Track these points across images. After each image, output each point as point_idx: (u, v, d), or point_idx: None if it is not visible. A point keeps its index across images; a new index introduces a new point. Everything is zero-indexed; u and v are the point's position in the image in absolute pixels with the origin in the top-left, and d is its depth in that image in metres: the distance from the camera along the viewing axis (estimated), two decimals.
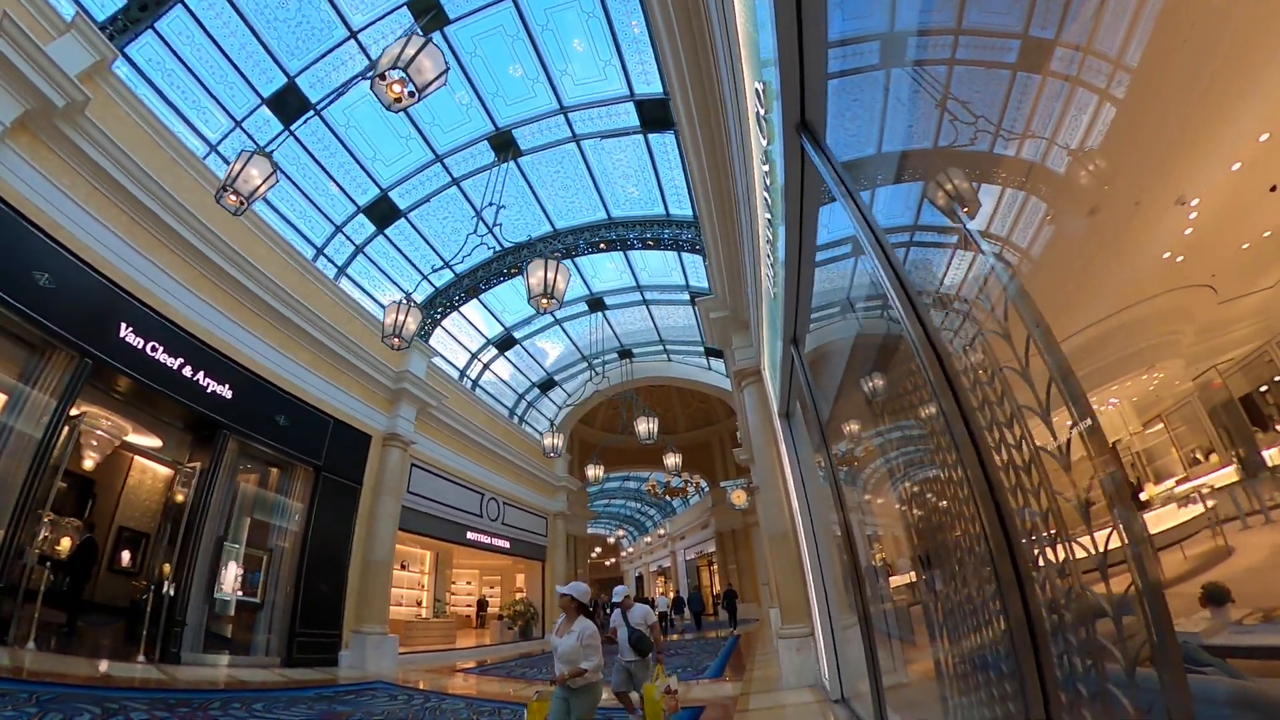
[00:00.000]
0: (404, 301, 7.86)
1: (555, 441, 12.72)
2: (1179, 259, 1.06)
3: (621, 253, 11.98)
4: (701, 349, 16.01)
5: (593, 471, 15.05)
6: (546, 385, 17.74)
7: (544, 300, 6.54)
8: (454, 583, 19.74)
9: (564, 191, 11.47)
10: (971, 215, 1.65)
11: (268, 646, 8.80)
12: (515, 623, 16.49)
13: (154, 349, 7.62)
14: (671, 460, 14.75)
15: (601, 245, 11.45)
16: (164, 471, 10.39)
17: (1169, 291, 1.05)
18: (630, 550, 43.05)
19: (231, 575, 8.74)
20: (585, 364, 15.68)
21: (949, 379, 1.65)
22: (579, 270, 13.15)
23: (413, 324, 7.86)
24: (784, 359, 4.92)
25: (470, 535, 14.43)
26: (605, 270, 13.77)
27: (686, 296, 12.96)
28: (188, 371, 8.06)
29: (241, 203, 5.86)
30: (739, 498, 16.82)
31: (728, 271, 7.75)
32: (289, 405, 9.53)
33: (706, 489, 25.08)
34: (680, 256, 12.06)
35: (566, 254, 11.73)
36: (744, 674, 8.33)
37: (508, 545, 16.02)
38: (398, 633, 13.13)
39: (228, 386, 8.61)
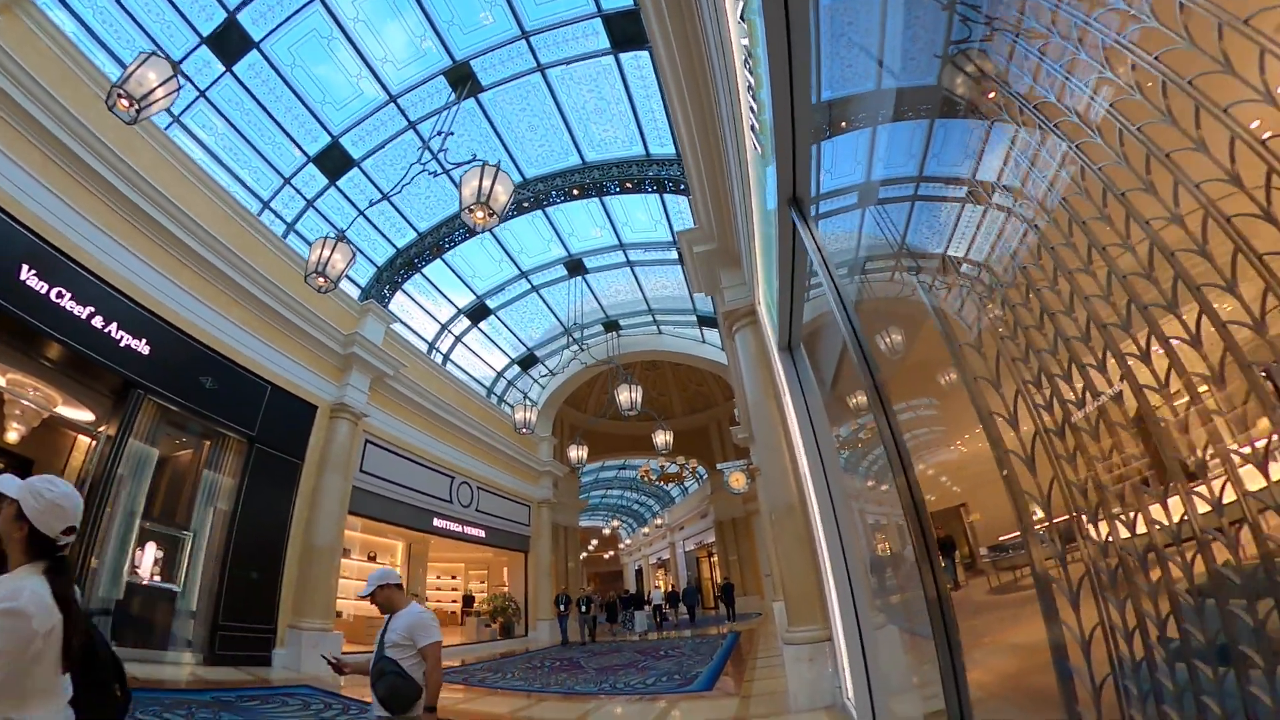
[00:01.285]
0: (330, 236, 6.79)
1: (529, 416, 11.55)
2: None
3: (599, 200, 10.77)
4: (694, 318, 14.77)
5: (575, 453, 13.85)
6: (527, 362, 16.54)
7: (479, 213, 5.39)
8: (439, 576, 18.65)
9: (531, 134, 10.31)
10: None
11: (189, 641, 7.66)
12: (494, 619, 15.31)
13: (60, 295, 6.70)
14: (662, 438, 13.61)
15: (575, 191, 10.26)
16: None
17: None
18: (629, 543, 41.93)
19: (149, 557, 7.68)
20: (568, 338, 14.46)
21: None
22: (554, 226, 11.97)
23: (341, 262, 6.80)
24: (782, 243, 3.58)
25: (438, 522, 13.18)
26: (585, 230, 12.58)
27: (674, 255, 11.75)
28: (98, 322, 7.10)
29: (134, 108, 5.12)
30: (737, 480, 15.62)
31: (713, 198, 6.71)
32: (218, 366, 8.41)
33: (705, 476, 23.89)
34: (664, 204, 10.84)
35: (537, 203, 10.55)
36: (741, 685, 6.92)
37: (483, 534, 14.81)
38: (357, 630, 12.02)
39: (145, 341, 7.58)
